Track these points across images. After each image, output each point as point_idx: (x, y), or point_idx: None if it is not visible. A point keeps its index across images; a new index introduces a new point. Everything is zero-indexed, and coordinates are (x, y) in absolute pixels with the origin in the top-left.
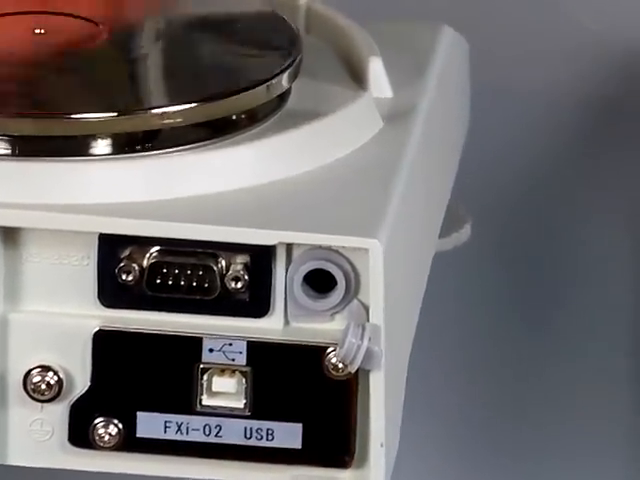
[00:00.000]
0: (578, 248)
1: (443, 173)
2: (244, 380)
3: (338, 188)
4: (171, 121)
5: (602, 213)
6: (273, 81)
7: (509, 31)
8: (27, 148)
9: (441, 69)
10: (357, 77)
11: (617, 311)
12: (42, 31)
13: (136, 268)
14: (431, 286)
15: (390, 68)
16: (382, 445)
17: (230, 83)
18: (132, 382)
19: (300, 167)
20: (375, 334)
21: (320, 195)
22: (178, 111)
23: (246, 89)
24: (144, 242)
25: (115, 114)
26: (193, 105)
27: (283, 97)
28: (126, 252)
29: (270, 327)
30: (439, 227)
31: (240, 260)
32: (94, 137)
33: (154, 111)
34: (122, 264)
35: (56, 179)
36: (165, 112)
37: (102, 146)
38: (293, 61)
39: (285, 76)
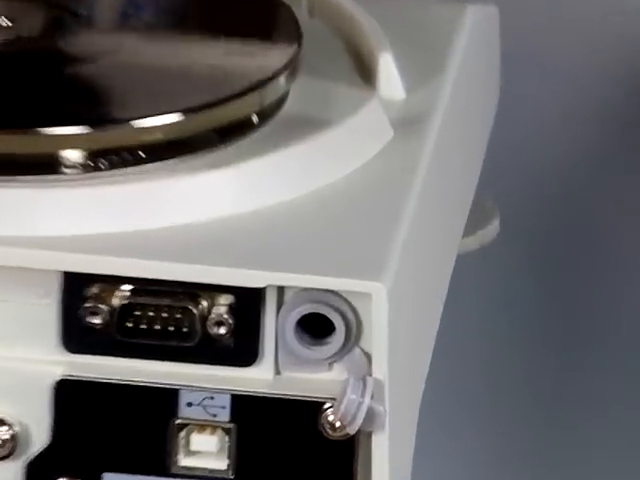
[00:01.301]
0: (618, 246)
1: (465, 172)
2: (227, 438)
3: (337, 218)
4: (146, 137)
5: None
6: (267, 86)
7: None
8: None
9: (462, 59)
10: (365, 73)
11: None
12: (9, 23)
13: (105, 309)
14: (451, 290)
15: (403, 63)
16: None
17: (217, 89)
18: (98, 438)
19: (293, 191)
20: (378, 390)
21: (316, 227)
22: (155, 126)
23: (235, 97)
24: (114, 280)
25: (81, 130)
26: (173, 118)
27: (279, 100)
28: (93, 290)
29: (258, 378)
30: (461, 231)
31: (224, 301)
32: (54, 156)
33: (127, 126)
34: (88, 304)
35: (11, 208)
36: (141, 127)
37: (64, 166)
38: (291, 60)
39: (281, 80)
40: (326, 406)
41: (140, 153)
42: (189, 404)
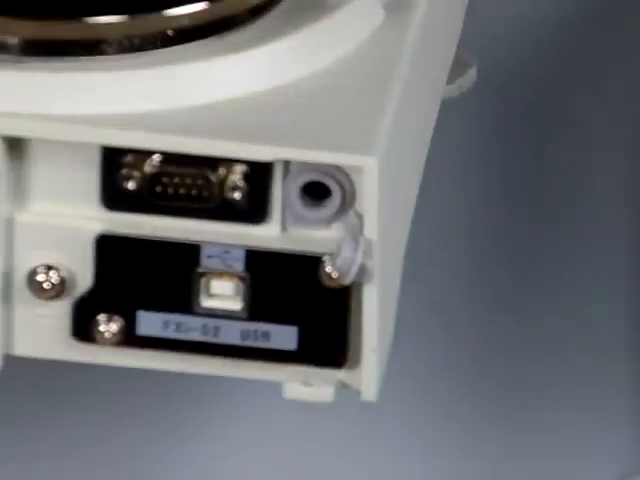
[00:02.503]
0: (600, 119)
1: (450, 33)
2: (242, 284)
3: (332, 99)
4: (174, 24)
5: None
6: None
7: None
8: (27, 52)
9: None
10: None
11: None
12: None
13: (138, 175)
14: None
15: None
16: (374, 350)
17: None
18: (133, 283)
19: (293, 74)
20: (369, 248)
21: (315, 107)
22: (185, 14)
23: None
24: (146, 152)
25: (119, 19)
26: (200, 7)
27: None
28: (128, 159)
29: (267, 235)
30: (443, 87)
31: (239, 169)
32: (94, 41)
33: (159, 14)
34: (124, 172)
35: (56, 90)
36: (171, 16)
37: (102, 51)
38: None
39: None
40: (324, 259)
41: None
42: (209, 256)
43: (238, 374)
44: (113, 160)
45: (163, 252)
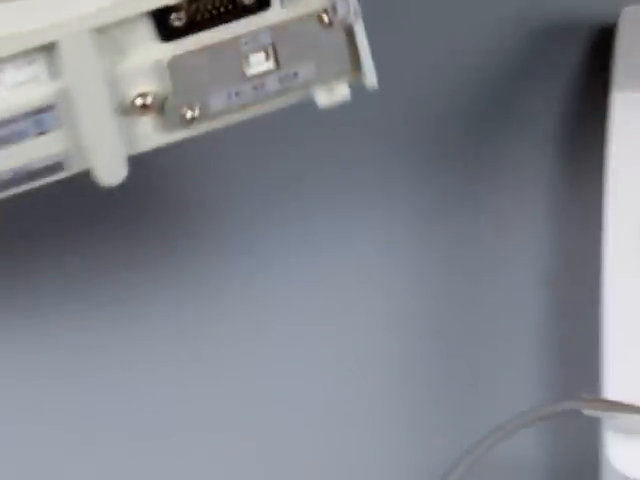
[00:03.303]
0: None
1: None
2: (271, 50)
3: None
4: None
5: None
6: None
7: None
8: None
9: None
10: None
11: None
12: None
13: (182, 14)
14: None
15: None
16: (370, 59)
17: None
18: (201, 79)
19: None
20: None
21: None
22: None
23: None
24: None
25: None
26: None
27: None
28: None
29: (276, 14)
30: None
31: None
32: None
33: None
34: (172, 15)
35: None
36: None
37: None
38: None
39: None
40: (326, 9)
41: None
42: (245, 42)
43: (281, 105)
44: (163, 10)
45: (214, 52)
